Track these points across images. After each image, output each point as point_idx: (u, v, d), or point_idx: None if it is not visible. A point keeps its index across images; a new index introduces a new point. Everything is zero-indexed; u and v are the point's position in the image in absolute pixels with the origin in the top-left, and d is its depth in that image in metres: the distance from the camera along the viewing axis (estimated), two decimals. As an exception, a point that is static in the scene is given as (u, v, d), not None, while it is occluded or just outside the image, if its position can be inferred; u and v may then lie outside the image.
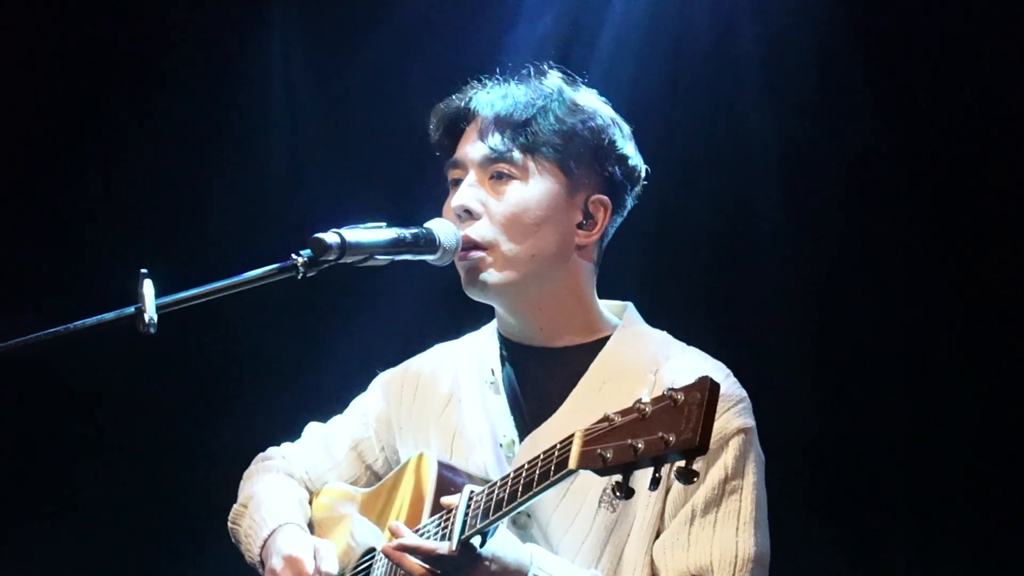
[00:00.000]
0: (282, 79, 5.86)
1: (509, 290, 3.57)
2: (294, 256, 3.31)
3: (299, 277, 3.31)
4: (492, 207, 3.57)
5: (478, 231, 3.55)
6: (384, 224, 3.46)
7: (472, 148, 3.62)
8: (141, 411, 5.75)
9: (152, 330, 3.10)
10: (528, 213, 3.55)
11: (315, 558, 3.57)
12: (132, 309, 3.12)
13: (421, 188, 3.89)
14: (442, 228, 3.53)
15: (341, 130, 5.78)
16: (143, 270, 3.13)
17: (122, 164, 5.78)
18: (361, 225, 3.42)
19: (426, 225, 3.53)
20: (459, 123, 3.68)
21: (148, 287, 3.11)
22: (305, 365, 5.73)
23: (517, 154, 3.56)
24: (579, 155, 3.59)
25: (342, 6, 5.84)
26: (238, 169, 5.80)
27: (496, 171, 3.58)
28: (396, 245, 3.45)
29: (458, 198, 3.59)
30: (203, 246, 5.67)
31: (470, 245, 3.55)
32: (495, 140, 3.57)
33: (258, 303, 5.24)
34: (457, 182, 3.63)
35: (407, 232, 3.48)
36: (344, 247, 3.34)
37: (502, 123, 3.58)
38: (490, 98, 3.63)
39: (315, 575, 3.53)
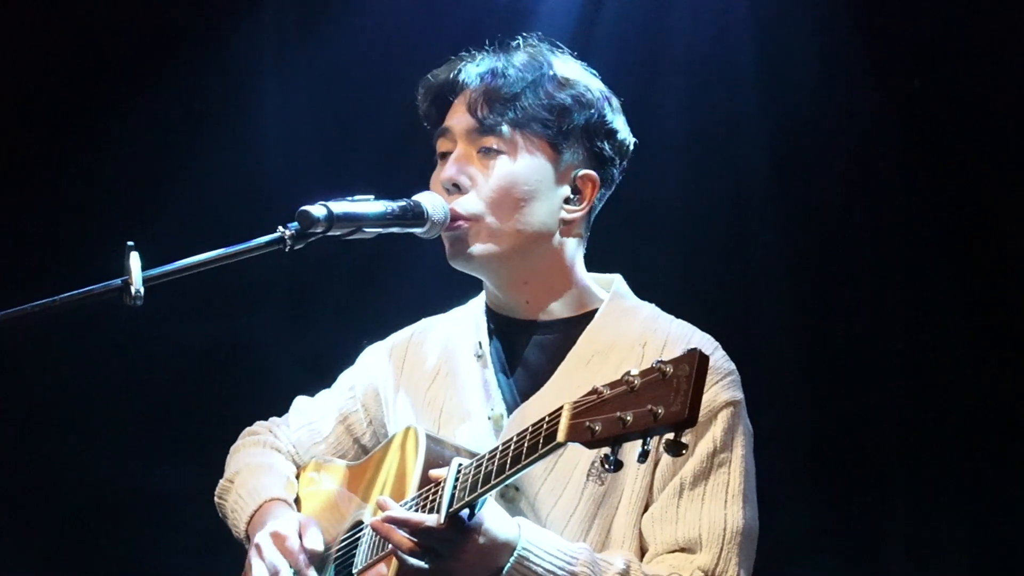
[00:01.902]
0: (273, 53, 5.84)
1: (493, 262, 3.57)
2: (281, 229, 3.31)
3: (287, 250, 3.31)
4: (480, 181, 3.56)
5: (465, 205, 3.54)
6: (372, 197, 3.46)
7: (460, 121, 3.60)
8: (130, 386, 5.73)
9: (139, 302, 3.10)
10: (516, 188, 3.54)
11: (300, 535, 3.55)
12: (119, 281, 3.11)
13: (412, 162, 3.87)
14: (430, 201, 3.53)
15: (331, 104, 5.75)
16: (130, 243, 3.12)
17: (112, 140, 5.75)
18: (349, 198, 3.42)
19: (414, 198, 3.52)
20: (447, 95, 3.66)
21: (135, 259, 3.11)
22: (294, 340, 5.73)
23: (506, 128, 3.55)
24: (568, 130, 3.58)
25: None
26: (228, 144, 5.77)
27: (484, 145, 3.57)
28: (384, 217, 3.45)
29: (446, 171, 3.58)
30: (192, 222, 5.64)
31: (457, 218, 3.54)
32: (484, 114, 3.56)
33: (249, 277, 5.24)
34: (445, 155, 3.63)
35: (395, 205, 3.48)
36: (331, 219, 3.35)
37: (491, 97, 3.56)
38: (479, 70, 3.61)
39: (300, 552, 3.52)
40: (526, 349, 3.62)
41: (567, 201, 3.60)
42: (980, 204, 5.25)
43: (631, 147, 3.69)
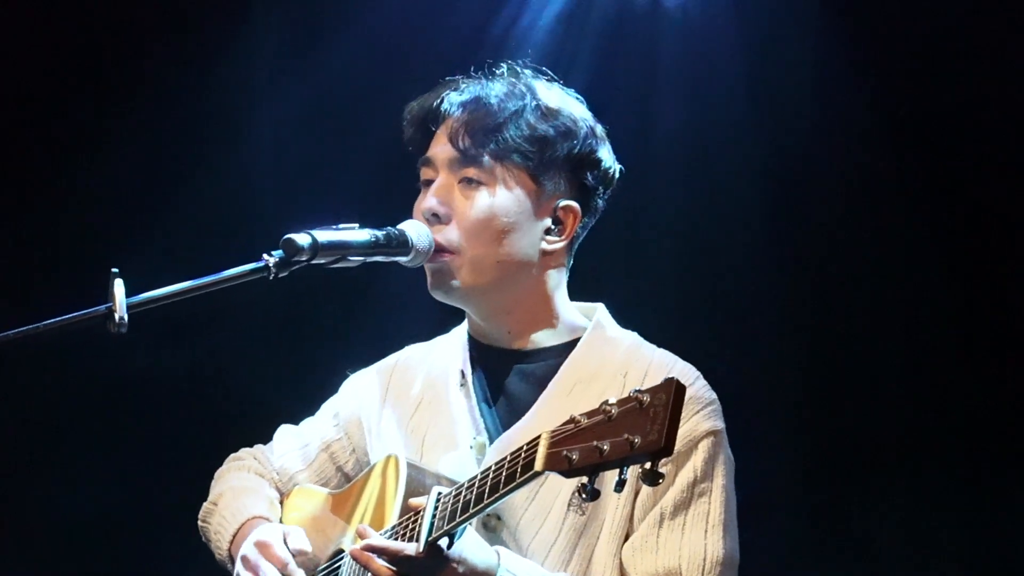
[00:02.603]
0: (264, 78, 5.79)
1: (474, 294, 3.58)
2: (266, 257, 3.31)
3: (271, 278, 3.31)
4: (460, 212, 3.56)
5: (446, 235, 3.55)
6: (357, 225, 3.46)
7: (442, 150, 3.59)
8: (112, 414, 5.74)
9: (123, 330, 3.11)
10: (495, 220, 3.54)
11: (284, 541, 3.55)
12: (103, 308, 3.12)
13: (402, 184, 3.88)
14: (415, 229, 3.53)
15: (318, 131, 5.73)
16: (114, 269, 3.13)
17: (95, 164, 5.74)
18: (334, 226, 3.43)
19: (399, 226, 3.53)
20: (430, 124, 3.65)
21: (119, 286, 3.12)
22: (280, 365, 5.73)
23: (487, 160, 3.55)
24: (550, 162, 3.57)
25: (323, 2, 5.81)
26: (213, 171, 5.75)
27: (465, 176, 3.57)
28: (368, 246, 3.46)
29: (427, 202, 3.58)
30: (177, 249, 5.63)
31: (439, 249, 3.55)
32: (465, 144, 3.55)
33: (233, 305, 5.24)
34: (428, 182, 3.62)
35: (380, 233, 3.48)
36: (316, 248, 3.35)
37: (472, 127, 3.55)
38: (461, 99, 3.60)
39: (287, 555, 3.50)
40: (508, 378, 3.62)
41: (548, 232, 3.59)
42: (980, 204, 5.25)
43: (616, 176, 3.68)
